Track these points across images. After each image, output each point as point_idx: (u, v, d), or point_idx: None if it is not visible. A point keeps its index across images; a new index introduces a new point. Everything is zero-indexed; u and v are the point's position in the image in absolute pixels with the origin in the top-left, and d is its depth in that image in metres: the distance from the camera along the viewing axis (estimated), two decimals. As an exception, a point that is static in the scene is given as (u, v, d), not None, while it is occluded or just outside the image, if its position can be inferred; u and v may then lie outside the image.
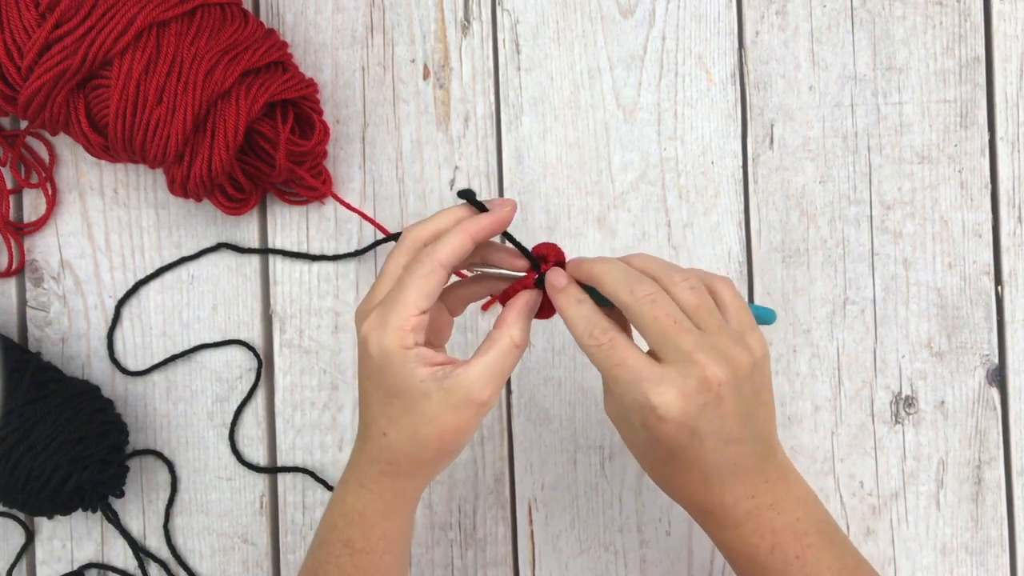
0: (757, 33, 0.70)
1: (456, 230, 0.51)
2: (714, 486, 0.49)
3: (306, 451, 0.70)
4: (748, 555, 0.51)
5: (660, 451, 0.49)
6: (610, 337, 0.49)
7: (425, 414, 0.49)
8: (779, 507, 0.51)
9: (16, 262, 0.71)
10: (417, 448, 0.51)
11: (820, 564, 0.51)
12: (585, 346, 0.50)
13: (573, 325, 0.50)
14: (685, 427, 0.47)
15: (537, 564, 0.70)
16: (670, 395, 0.46)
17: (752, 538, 0.50)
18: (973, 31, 0.69)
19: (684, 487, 0.50)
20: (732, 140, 0.70)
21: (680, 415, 0.46)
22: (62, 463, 0.63)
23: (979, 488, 0.68)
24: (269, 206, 0.71)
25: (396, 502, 0.53)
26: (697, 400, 0.47)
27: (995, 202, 0.69)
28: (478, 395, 0.49)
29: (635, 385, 0.47)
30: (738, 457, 0.49)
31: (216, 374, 0.71)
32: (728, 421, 0.48)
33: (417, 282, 0.49)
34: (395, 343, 0.49)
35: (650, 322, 0.48)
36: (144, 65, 0.61)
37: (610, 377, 0.49)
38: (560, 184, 0.70)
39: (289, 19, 0.71)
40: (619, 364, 0.48)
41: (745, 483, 0.50)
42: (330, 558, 0.55)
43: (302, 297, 0.70)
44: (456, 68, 0.71)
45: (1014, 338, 0.69)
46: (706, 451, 0.48)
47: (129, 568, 0.71)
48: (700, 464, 0.48)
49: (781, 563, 0.51)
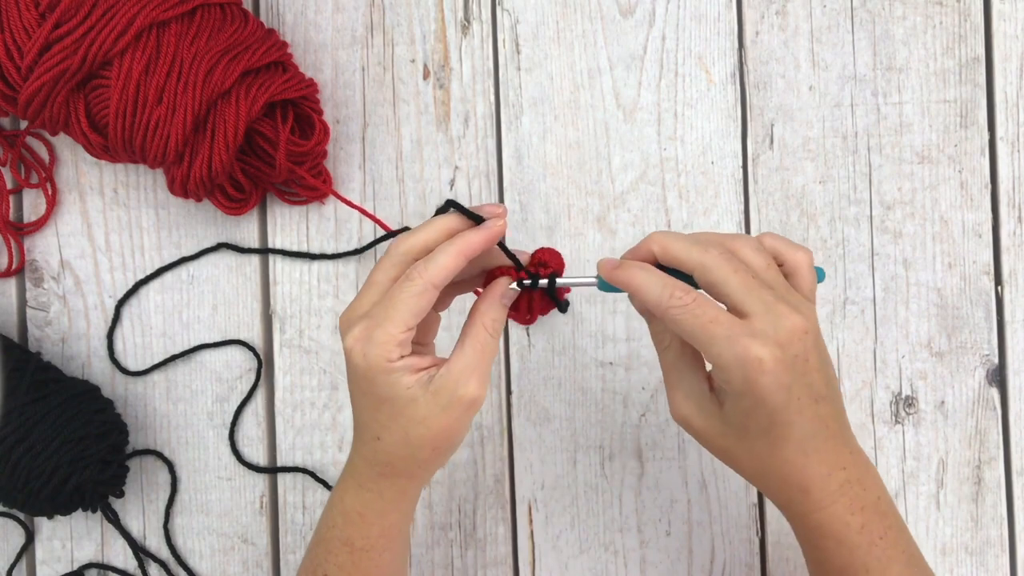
0: (757, 33, 0.70)
1: (449, 251, 0.50)
2: (810, 453, 0.49)
3: (306, 451, 0.70)
4: (838, 536, 0.50)
5: (760, 418, 0.48)
6: (694, 296, 0.48)
7: (414, 418, 0.50)
8: (864, 483, 0.51)
9: (16, 262, 0.71)
10: (411, 450, 0.51)
11: (898, 547, 0.52)
12: (668, 308, 0.48)
13: (647, 291, 0.49)
14: (783, 383, 0.46)
15: (537, 564, 0.70)
16: (769, 345, 0.46)
17: (845, 515, 0.50)
18: (973, 31, 0.69)
19: (783, 459, 0.49)
20: (732, 140, 0.70)
21: (779, 365, 0.46)
22: (62, 463, 0.63)
23: (979, 488, 0.68)
24: (269, 206, 0.71)
25: (395, 500, 0.54)
26: (790, 350, 0.46)
27: (995, 202, 0.69)
28: (463, 392, 0.49)
29: (734, 340, 0.46)
30: (827, 418, 0.49)
31: (216, 374, 0.71)
32: (814, 376, 0.48)
33: (408, 301, 0.49)
34: (380, 357, 0.49)
35: (730, 274, 0.47)
36: (144, 65, 0.61)
37: (704, 336, 0.47)
38: (560, 184, 0.70)
39: (289, 19, 0.71)
40: (713, 320, 0.47)
41: (836, 451, 0.50)
42: (329, 556, 0.55)
43: (302, 297, 0.70)
44: (456, 68, 0.71)
45: (1014, 338, 0.69)
46: (802, 409, 0.48)
47: (129, 568, 0.71)
48: (796, 427, 0.48)
49: (868, 543, 0.51)
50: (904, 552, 0.52)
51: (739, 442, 0.50)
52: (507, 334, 0.70)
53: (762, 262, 0.49)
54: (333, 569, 0.55)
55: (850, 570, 0.51)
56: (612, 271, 0.50)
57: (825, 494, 0.50)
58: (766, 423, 0.48)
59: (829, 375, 0.50)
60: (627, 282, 0.50)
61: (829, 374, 0.50)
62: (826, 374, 0.49)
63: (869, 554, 0.51)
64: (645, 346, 0.69)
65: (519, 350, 0.70)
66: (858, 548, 0.50)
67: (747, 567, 0.69)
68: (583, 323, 0.69)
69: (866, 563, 0.51)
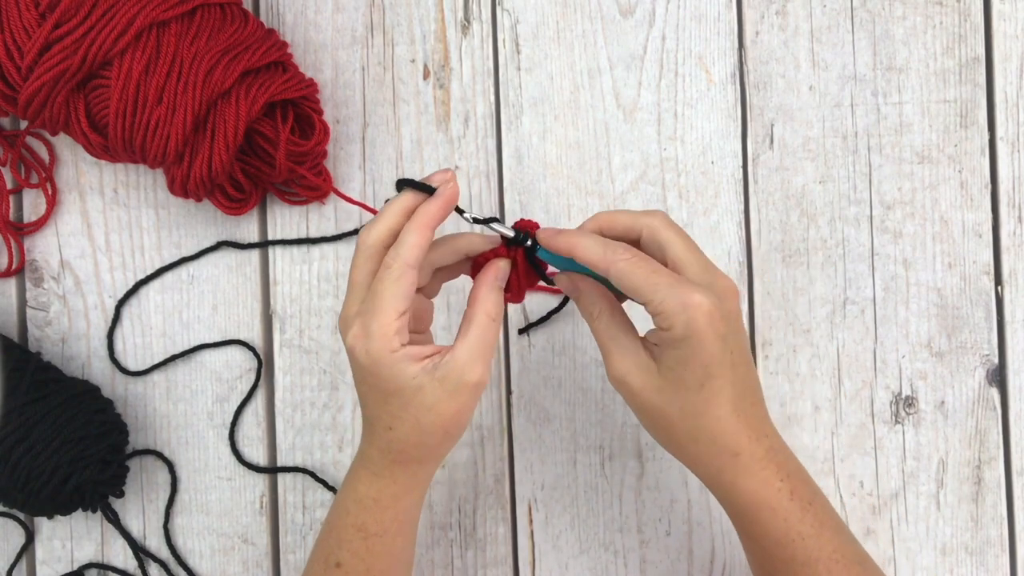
0: (757, 33, 0.70)
1: (413, 228, 0.51)
2: (740, 415, 0.51)
3: (306, 451, 0.70)
4: (771, 504, 0.52)
5: (696, 368, 0.49)
6: (633, 252, 0.50)
7: (423, 405, 0.51)
8: (786, 453, 0.54)
9: (16, 262, 0.71)
10: (424, 436, 0.52)
11: (827, 513, 0.53)
12: (610, 264, 0.50)
13: (589, 251, 0.51)
14: (719, 331, 0.49)
15: (537, 564, 0.70)
16: (708, 295, 0.49)
17: (775, 481, 0.52)
18: (973, 31, 0.69)
19: (716, 416, 0.50)
20: (732, 140, 0.70)
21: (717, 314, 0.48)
22: (62, 463, 0.63)
23: (979, 488, 0.68)
24: (269, 206, 0.71)
25: (409, 484, 0.55)
26: (726, 305, 0.49)
27: (995, 202, 0.69)
28: (469, 377, 0.51)
29: (676, 287, 0.49)
30: (753, 385, 0.52)
31: (216, 374, 0.71)
32: (743, 339, 0.51)
33: (391, 287, 0.50)
34: (382, 349, 0.50)
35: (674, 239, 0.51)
36: (144, 65, 0.61)
37: (648, 285, 0.49)
38: (560, 184, 0.70)
39: (289, 19, 0.71)
40: (655, 271, 0.50)
41: (760, 418, 0.52)
42: (343, 544, 0.56)
43: (302, 297, 0.70)
44: (456, 68, 0.71)
45: (1014, 338, 0.69)
46: (735, 366, 0.50)
47: (129, 568, 0.71)
48: (730, 383, 0.50)
49: (800, 510, 0.52)
50: (832, 518, 0.54)
51: (674, 396, 0.51)
52: (507, 334, 0.70)
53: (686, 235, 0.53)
54: (347, 556, 0.56)
55: (784, 539, 0.52)
56: (552, 238, 0.53)
57: (754, 459, 0.51)
58: (701, 374, 0.49)
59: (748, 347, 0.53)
60: (571, 246, 0.52)
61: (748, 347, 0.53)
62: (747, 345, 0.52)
63: (802, 521, 0.52)
64: (645, 346, 0.69)
65: (519, 350, 0.70)
66: (790, 515, 0.52)
67: (747, 567, 0.69)
68: (583, 323, 0.69)
69: (799, 530, 0.52)
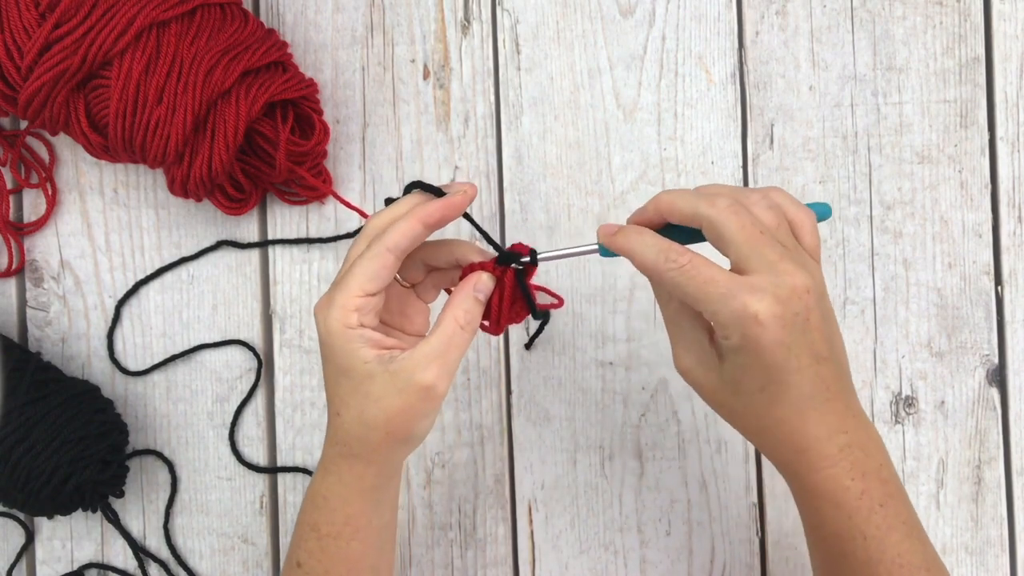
0: (757, 33, 0.70)
1: (407, 216, 0.51)
2: (808, 413, 0.49)
3: (306, 451, 0.70)
4: (837, 500, 0.50)
5: (756, 374, 0.48)
6: (689, 257, 0.48)
7: (370, 395, 0.50)
8: (867, 449, 0.50)
9: (16, 262, 0.71)
10: (365, 430, 0.51)
11: (898, 516, 0.51)
12: (664, 271, 0.48)
13: (643, 255, 0.49)
14: (782, 340, 0.46)
15: (537, 564, 0.70)
16: (767, 301, 0.46)
17: (844, 479, 0.49)
18: (973, 31, 0.69)
19: (778, 418, 0.49)
20: (732, 140, 0.70)
21: (778, 322, 0.46)
22: (62, 463, 0.63)
23: (979, 488, 0.68)
24: (269, 206, 0.71)
25: (354, 487, 0.53)
26: (790, 308, 0.46)
27: (995, 202, 0.69)
28: (421, 378, 0.49)
29: (731, 298, 0.46)
30: (828, 380, 0.49)
31: (216, 374, 0.71)
32: (815, 335, 0.48)
33: (363, 263, 0.50)
34: (338, 321, 0.50)
35: (737, 231, 0.47)
36: (144, 65, 0.61)
37: (701, 295, 0.47)
38: (560, 184, 0.70)
39: (289, 19, 0.71)
40: (709, 280, 0.47)
41: (835, 414, 0.49)
42: (300, 543, 0.55)
43: (302, 297, 0.70)
44: (456, 68, 0.71)
45: (1014, 338, 0.69)
46: (801, 368, 0.47)
47: (129, 568, 0.71)
48: (794, 386, 0.48)
49: (867, 510, 0.50)
50: (904, 523, 0.51)
51: (735, 397, 0.49)
52: (507, 334, 0.70)
53: (772, 219, 0.49)
54: (304, 555, 0.55)
55: (846, 535, 0.50)
56: (610, 237, 0.51)
57: (823, 457, 0.49)
58: (762, 380, 0.48)
59: (832, 336, 0.49)
60: (623, 247, 0.50)
61: (833, 335, 0.49)
62: (828, 334, 0.49)
63: (868, 521, 0.50)
64: (645, 346, 0.69)
65: (519, 350, 0.70)
66: (856, 513, 0.50)
67: (747, 567, 0.69)
68: (583, 323, 0.69)
69: (864, 530, 0.50)
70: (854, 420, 0.50)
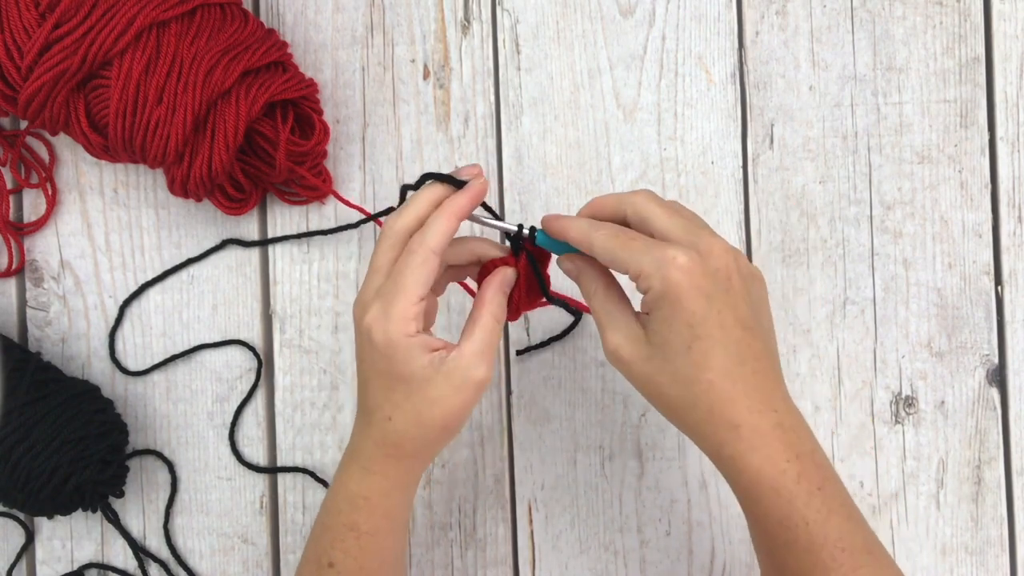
0: (757, 33, 0.70)
1: (441, 215, 0.53)
2: (738, 380, 0.49)
3: (306, 451, 0.70)
4: (776, 486, 0.49)
5: (680, 328, 0.48)
6: (614, 227, 0.52)
7: (427, 398, 0.51)
8: (799, 432, 0.50)
9: (16, 262, 0.71)
10: (423, 430, 0.52)
11: (836, 498, 0.50)
12: (591, 236, 0.51)
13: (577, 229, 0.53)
14: (700, 286, 0.48)
15: (537, 564, 0.70)
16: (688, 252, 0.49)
17: (779, 461, 0.49)
18: (973, 31, 0.69)
19: (708, 381, 0.49)
20: (732, 140, 0.70)
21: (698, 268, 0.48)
22: (62, 463, 0.63)
23: (979, 488, 0.68)
24: (269, 206, 0.71)
25: (401, 481, 0.55)
26: (711, 262, 0.49)
27: (995, 202, 0.69)
28: (475, 374, 0.51)
29: (654, 247, 0.49)
30: (756, 351, 0.50)
31: (216, 374, 0.71)
32: (737, 299, 0.50)
33: (414, 271, 0.51)
34: (399, 332, 0.51)
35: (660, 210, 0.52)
36: (144, 65, 0.61)
37: (626, 252, 0.50)
38: (560, 184, 0.70)
39: (289, 19, 0.71)
40: (633, 238, 0.50)
41: (765, 389, 0.50)
42: (336, 543, 0.56)
43: (302, 297, 0.70)
44: (456, 68, 0.71)
45: (1014, 338, 0.69)
46: (724, 326, 0.49)
47: (129, 568, 0.71)
48: (720, 345, 0.48)
49: (806, 494, 0.49)
50: (843, 505, 0.50)
51: (664, 363, 0.49)
52: (507, 334, 0.70)
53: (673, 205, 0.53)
54: (339, 555, 0.55)
55: (788, 522, 0.49)
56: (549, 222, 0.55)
57: (756, 433, 0.49)
58: (687, 335, 0.48)
59: (760, 315, 0.51)
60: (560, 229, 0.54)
61: (760, 315, 0.51)
62: (755, 310, 0.51)
63: (808, 505, 0.49)
64: (645, 346, 0.69)
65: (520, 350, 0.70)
66: (796, 498, 0.49)
67: (747, 567, 0.69)
68: (583, 323, 0.69)
69: (805, 515, 0.49)
70: (784, 403, 0.51)
